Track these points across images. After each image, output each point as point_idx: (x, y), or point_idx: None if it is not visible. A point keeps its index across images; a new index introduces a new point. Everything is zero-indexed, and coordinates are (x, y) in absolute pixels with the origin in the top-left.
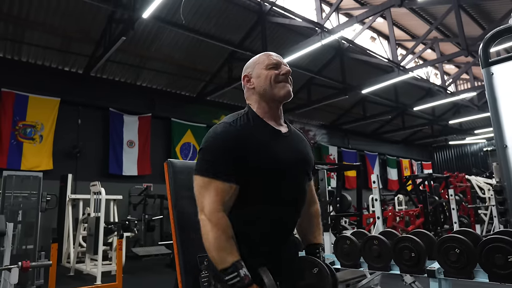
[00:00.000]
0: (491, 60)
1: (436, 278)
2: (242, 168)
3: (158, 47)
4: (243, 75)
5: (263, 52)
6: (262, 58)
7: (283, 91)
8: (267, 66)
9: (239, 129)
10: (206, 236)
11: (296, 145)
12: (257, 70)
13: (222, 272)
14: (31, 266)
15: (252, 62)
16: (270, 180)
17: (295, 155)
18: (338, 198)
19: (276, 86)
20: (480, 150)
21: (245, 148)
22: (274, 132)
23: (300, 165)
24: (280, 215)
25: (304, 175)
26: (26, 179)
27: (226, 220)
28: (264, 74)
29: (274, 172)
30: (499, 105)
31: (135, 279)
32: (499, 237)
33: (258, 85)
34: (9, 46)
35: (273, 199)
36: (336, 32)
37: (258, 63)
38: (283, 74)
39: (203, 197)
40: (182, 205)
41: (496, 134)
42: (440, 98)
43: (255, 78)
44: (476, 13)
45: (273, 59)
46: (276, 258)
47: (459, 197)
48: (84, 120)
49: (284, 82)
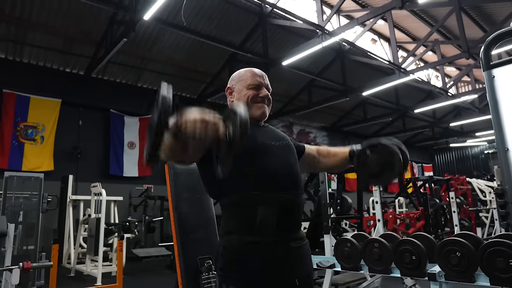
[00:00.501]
0: (492, 62)
1: (437, 281)
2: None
3: (159, 49)
4: (227, 86)
5: (249, 69)
6: (246, 75)
7: (259, 112)
8: (248, 86)
9: None
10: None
11: (274, 133)
12: (239, 86)
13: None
14: (32, 267)
15: (237, 76)
16: (255, 160)
17: (274, 140)
18: (339, 200)
19: (253, 106)
20: (481, 153)
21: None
22: (252, 123)
23: (282, 148)
24: (277, 197)
25: (290, 158)
26: (27, 180)
27: None
28: (244, 93)
29: (257, 152)
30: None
31: (136, 280)
32: (501, 241)
33: (237, 101)
34: (11, 47)
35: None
36: (337, 34)
37: (242, 80)
38: (261, 97)
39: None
40: (182, 206)
41: (497, 137)
42: (441, 101)
43: (237, 93)
44: (477, 15)
45: (256, 80)
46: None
47: (460, 200)
48: (85, 121)
49: (261, 103)
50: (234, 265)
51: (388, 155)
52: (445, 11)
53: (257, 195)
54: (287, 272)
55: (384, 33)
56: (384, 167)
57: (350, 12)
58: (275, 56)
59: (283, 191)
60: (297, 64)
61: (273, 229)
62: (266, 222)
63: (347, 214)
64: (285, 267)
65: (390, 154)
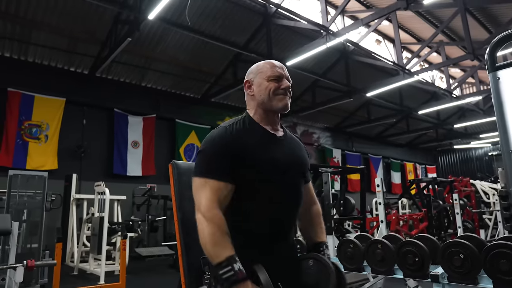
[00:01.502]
0: (497, 64)
1: (440, 283)
2: (237, 168)
3: (163, 49)
4: (245, 80)
5: (268, 61)
6: (265, 67)
7: (281, 104)
8: (269, 78)
9: (234, 133)
10: (202, 233)
11: (291, 148)
12: (259, 79)
13: (216, 267)
14: (36, 265)
15: (255, 68)
16: (264, 179)
17: (290, 157)
18: (342, 201)
19: (275, 98)
20: (485, 155)
21: (240, 149)
22: (269, 135)
23: (295, 166)
24: (275, 213)
25: (299, 176)
26: (31, 178)
27: (221, 217)
28: (264, 85)
29: (269, 170)
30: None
31: (138, 279)
32: (504, 243)
33: (258, 94)
34: (16, 46)
35: (268, 197)
36: (341, 34)
37: (261, 72)
38: (283, 88)
39: (199, 196)
40: (186, 206)
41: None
42: (445, 102)
43: (256, 86)
44: (482, 16)
45: (276, 71)
46: (274, 256)
47: (463, 202)
48: (89, 120)
49: (283, 95)
50: None
51: (325, 275)
52: (450, 12)
53: (256, 209)
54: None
55: (389, 34)
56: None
57: (355, 12)
58: (279, 56)
59: (281, 210)
60: (301, 64)
61: (264, 239)
62: (258, 233)
63: (350, 215)
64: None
65: (326, 275)
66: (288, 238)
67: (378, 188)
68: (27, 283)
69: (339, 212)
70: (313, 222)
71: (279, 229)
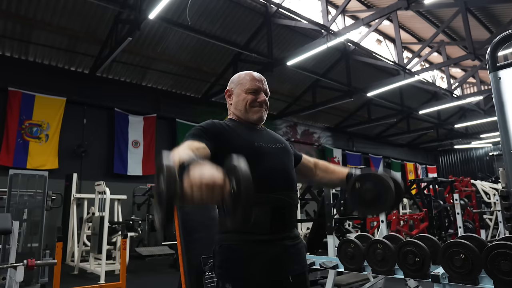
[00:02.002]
0: (499, 64)
1: (440, 283)
2: (220, 152)
3: (164, 48)
4: (226, 89)
5: (248, 72)
6: (245, 79)
7: (256, 116)
8: (247, 90)
9: (217, 123)
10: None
11: (271, 135)
12: (238, 90)
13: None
14: (36, 264)
15: (236, 79)
16: (252, 161)
17: (271, 142)
18: (342, 201)
19: (251, 111)
20: (485, 155)
21: (223, 134)
22: (249, 126)
23: (277, 150)
24: (272, 198)
25: (285, 160)
26: (32, 177)
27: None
28: (242, 97)
29: (253, 155)
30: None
31: (139, 278)
32: (505, 243)
33: (235, 104)
34: (17, 46)
35: (259, 181)
36: (342, 34)
37: (241, 84)
38: (259, 102)
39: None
40: (186, 206)
41: (503, 139)
42: (446, 102)
43: (235, 97)
44: (483, 16)
45: (254, 85)
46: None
47: (464, 202)
48: (90, 120)
49: (259, 108)
50: (230, 263)
51: (383, 187)
52: (451, 12)
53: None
54: (281, 269)
55: (390, 33)
56: (377, 198)
57: (356, 12)
58: (280, 56)
59: (276, 191)
60: (301, 64)
61: (266, 228)
62: (260, 221)
63: (350, 215)
64: (278, 264)
65: (384, 186)
66: (291, 227)
67: None
68: (27, 283)
69: (339, 212)
70: (330, 170)
71: (278, 215)
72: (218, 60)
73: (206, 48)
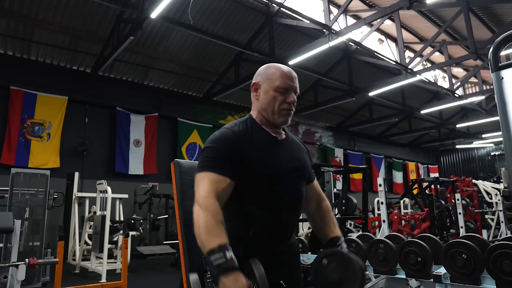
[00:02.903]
0: (501, 64)
1: (442, 283)
2: (238, 169)
3: (166, 47)
4: (253, 81)
5: (279, 67)
6: (275, 75)
7: (281, 120)
8: (276, 88)
9: (237, 133)
10: (196, 222)
11: (292, 151)
12: (266, 86)
13: (208, 254)
14: (38, 263)
15: (264, 72)
16: (264, 182)
17: (290, 160)
18: (344, 201)
19: (277, 113)
20: (487, 155)
21: (242, 150)
22: (271, 138)
23: (295, 170)
24: (275, 217)
25: (299, 179)
26: (33, 176)
27: (217, 206)
28: (270, 95)
29: (269, 174)
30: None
31: (140, 277)
32: (507, 243)
33: (262, 101)
34: (19, 45)
35: (268, 201)
36: (343, 34)
37: (270, 79)
38: (288, 103)
39: (198, 189)
40: (188, 205)
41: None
42: (447, 102)
43: (262, 93)
44: (485, 16)
45: (285, 83)
46: (275, 257)
47: (465, 202)
48: (91, 119)
49: (286, 111)
50: None
51: (350, 273)
52: (453, 12)
53: (256, 212)
54: (273, 274)
55: (391, 33)
56: (341, 282)
57: (357, 12)
58: (282, 55)
59: (282, 212)
60: (303, 63)
61: (264, 242)
62: (259, 235)
63: (352, 214)
64: (271, 269)
65: (352, 272)
66: (289, 238)
67: (380, 188)
68: (29, 281)
69: (341, 211)
70: (326, 220)
71: (278, 231)
72: (220, 59)
73: (208, 47)
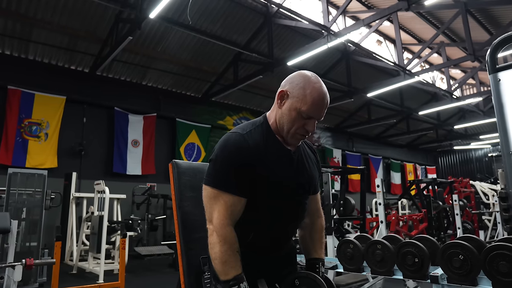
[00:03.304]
0: (498, 66)
1: (439, 284)
2: (250, 181)
3: (164, 47)
4: (280, 89)
5: (315, 89)
6: (307, 99)
7: (293, 142)
8: (301, 113)
9: (251, 144)
10: (213, 248)
11: (302, 165)
12: (293, 103)
13: (224, 284)
14: (35, 263)
15: (297, 85)
16: (272, 195)
17: (299, 174)
18: (342, 202)
19: (291, 135)
20: (485, 156)
21: (254, 164)
22: (284, 151)
23: (302, 184)
24: (277, 227)
25: (305, 195)
26: (31, 176)
27: (233, 235)
28: (293, 116)
29: (278, 189)
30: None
31: (138, 278)
32: (504, 244)
33: (282, 115)
34: (17, 44)
35: (272, 212)
36: (342, 35)
37: (300, 99)
38: (305, 129)
39: (212, 209)
40: (186, 205)
41: (502, 140)
42: (445, 103)
43: (286, 107)
44: (483, 18)
45: (313, 112)
46: (274, 263)
47: (463, 203)
48: (89, 119)
49: (301, 136)
50: None
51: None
52: (451, 13)
53: (258, 222)
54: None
55: (390, 34)
56: None
57: (356, 13)
58: (280, 56)
59: (283, 222)
60: (302, 64)
61: (262, 250)
62: (257, 244)
63: (350, 215)
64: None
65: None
66: (287, 245)
67: (378, 189)
68: (26, 282)
69: (339, 212)
70: (314, 237)
71: (278, 241)
72: (218, 60)
73: (206, 48)
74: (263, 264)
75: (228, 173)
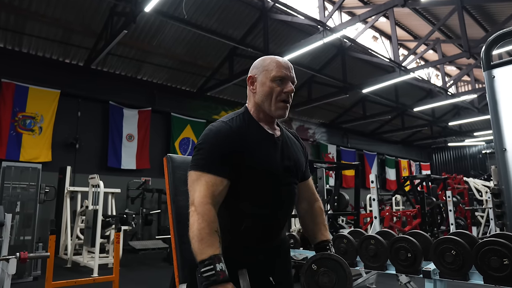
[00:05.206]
0: (493, 63)
1: (431, 279)
2: (234, 165)
3: (160, 42)
4: (248, 75)
5: (274, 57)
6: (271, 65)
7: (279, 112)
8: (273, 78)
9: (234, 129)
10: (191, 226)
11: (287, 149)
12: (263, 78)
13: (199, 264)
14: (29, 257)
15: (260, 64)
16: (258, 179)
17: (284, 159)
18: (336, 197)
19: (275, 105)
20: (478, 153)
21: (238, 147)
22: (267, 136)
23: (289, 168)
24: (267, 214)
25: (292, 178)
26: (25, 170)
27: (213, 214)
28: (267, 86)
29: (263, 171)
30: (499, 108)
31: (132, 272)
32: (495, 240)
33: (259, 94)
34: (10, 37)
35: (261, 199)
36: (338, 30)
37: (266, 70)
38: (285, 93)
39: (193, 190)
40: (180, 200)
41: (495, 137)
42: (440, 100)
43: (259, 85)
44: (479, 15)
45: (281, 72)
46: (260, 255)
47: (456, 199)
48: (84, 113)
49: (284, 103)
50: None
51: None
52: (447, 10)
53: (248, 209)
54: (263, 271)
55: (386, 30)
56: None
57: (352, 8)
58: (276, 51)
59: (273, 209)
60: (297, 59)
61: (254, 240)
62: (249, 234)
63: (344, 210)
64: (261, 267)
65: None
66: (279, 235)
67: (372, 184)
68: (20, 275)
69: (333, 207)
70: (316, 221)
71: (270, 229)
72: (214, 54)
73: (202, 42)
74: (255, 256)
75: (211, 155)
